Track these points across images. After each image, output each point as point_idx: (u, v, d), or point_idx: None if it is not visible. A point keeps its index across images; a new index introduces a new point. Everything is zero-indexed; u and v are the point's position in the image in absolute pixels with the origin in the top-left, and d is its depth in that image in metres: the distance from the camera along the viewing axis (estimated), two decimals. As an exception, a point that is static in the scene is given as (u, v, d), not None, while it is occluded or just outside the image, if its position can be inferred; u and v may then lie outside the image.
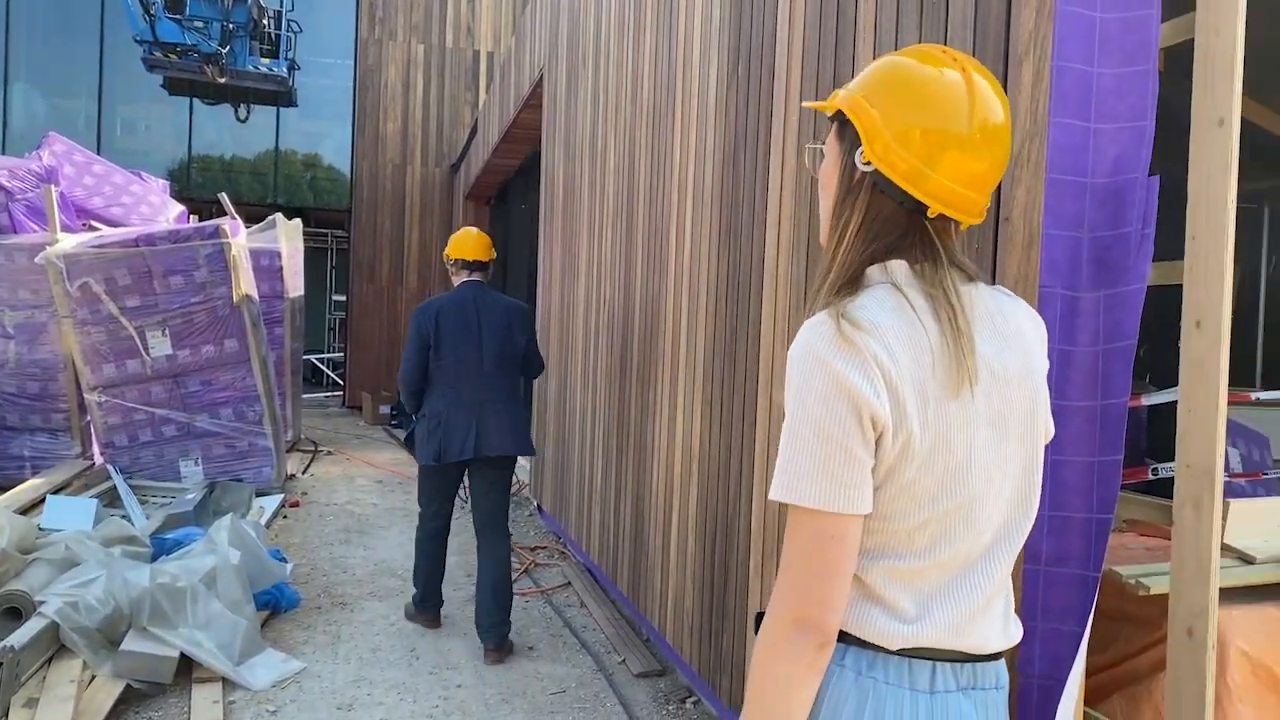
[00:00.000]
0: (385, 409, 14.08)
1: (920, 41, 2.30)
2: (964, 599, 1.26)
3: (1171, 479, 2.14)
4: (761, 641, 1.24)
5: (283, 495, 7.89)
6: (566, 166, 6.52)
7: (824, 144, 1.40)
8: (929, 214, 1.26)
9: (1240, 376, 5.70)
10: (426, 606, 4.89)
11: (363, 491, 8.70)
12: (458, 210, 15.03)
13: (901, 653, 1.25)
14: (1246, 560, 2.52)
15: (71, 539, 4.69)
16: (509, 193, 12.34)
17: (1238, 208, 2.02)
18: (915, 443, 1.20)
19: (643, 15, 4.68)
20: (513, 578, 4.89)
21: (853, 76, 2.59)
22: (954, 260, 1.28)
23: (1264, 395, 4.14)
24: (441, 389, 4.57)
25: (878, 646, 1.26)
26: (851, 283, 1.28)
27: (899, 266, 1.27)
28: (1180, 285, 2.07)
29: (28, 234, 7.65)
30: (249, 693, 3.99)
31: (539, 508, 7.52)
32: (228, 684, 4.03)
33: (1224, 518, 2.40)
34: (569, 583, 5.74)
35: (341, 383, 16.99)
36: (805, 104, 1.39)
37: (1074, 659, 1.99)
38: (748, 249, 3.30)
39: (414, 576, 4.93)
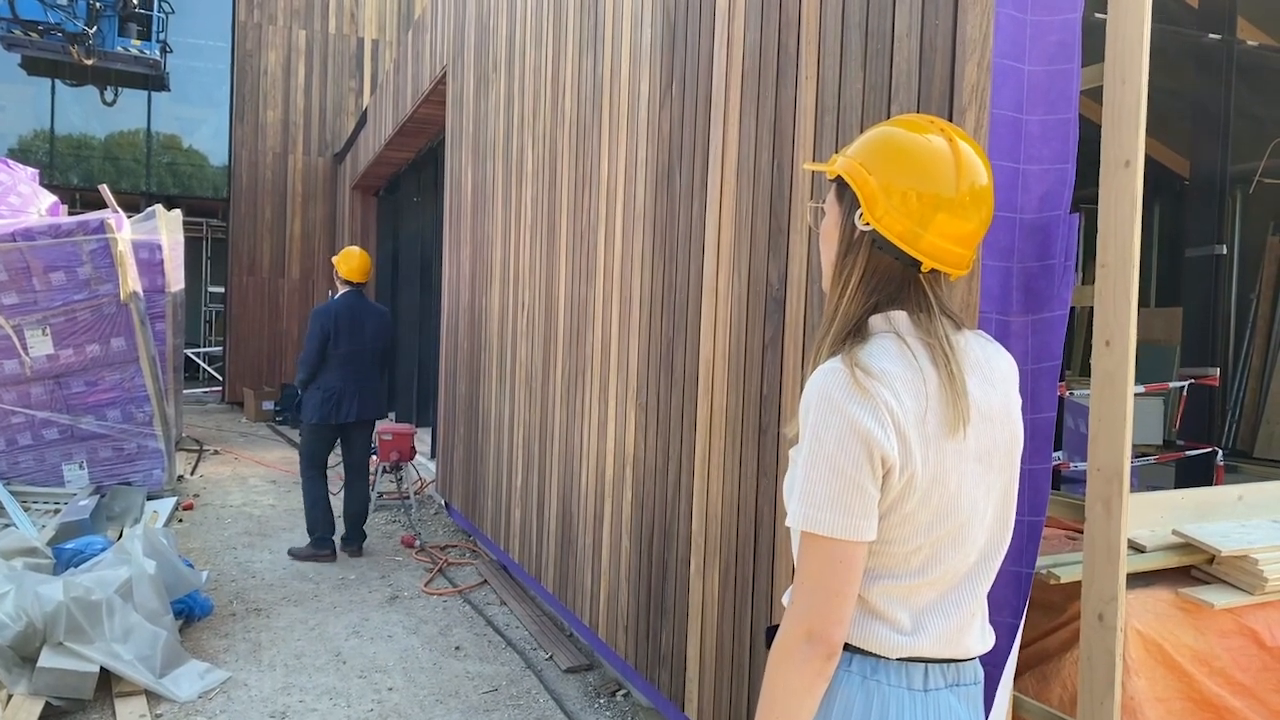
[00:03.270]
0: (269, 405, 13.70)
1: (864, 87, 2.49)
2: (953, 615, 1.45)
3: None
4: (775, 651, 1.40)
5: (176, 498, 7.67)
6: (476, 169, 6.54)
7: (824, 204, 1.55)
8: (922, 269, 1.43)
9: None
10: (326, 544, 6.25)
11: (258, 493, 8.51)
12: (342, 200, 14.72)
13: (900, 660, 1.43)
14: (1138, 549, 2.82)
15: (-30, 553, 4.50)
16: (401, 185, 12.19)
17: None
18: (918, 478, 1.37)
19: (563, 28, 4.77)
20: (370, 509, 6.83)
21: (795, 116, 2.78)
22: (945, 310, 1.46)
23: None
24: (335, 370, 6.24)
25: (880, 655, 1.43)
26: (857, 331, 1.44)
27: (900, 317, 1.43)
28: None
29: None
30: (175, 705, 3.94)
31: (446, 505, 7.53)
32: (152, 697, 3.97)
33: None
34: (484, 581, 5.81)
35: (220, 378, 16.43)
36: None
37: (1007, 646, 2.23)
38: (684, 263, 3.46)
39: (311, 523, 6.26)
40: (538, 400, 5.09)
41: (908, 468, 1.35)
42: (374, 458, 7.19)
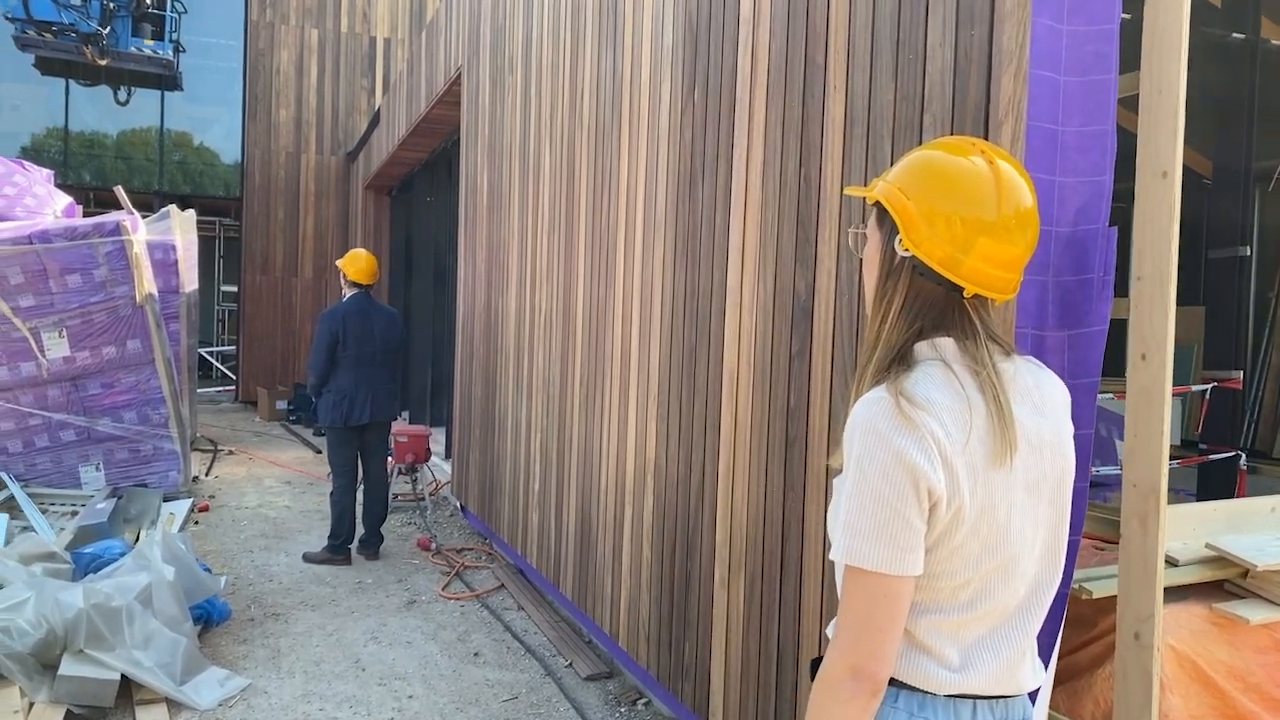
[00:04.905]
0: (283, 404, 13.71)
1: (895, 98, 2.46)
2: (1003, 651, 1.41)
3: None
4: (818, 687, 1.37)
5: (191, 500, 7.67)
6: (491, 171, 6.52)
7: (865, 229, 1.52)
8: (965, 294, 1.40)
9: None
10: (343, 550, 6.28)
11: (273, 494, 8.52)
12: (355, 199, 14.73)
13: (948, 696, 1.40)
14: (1171, 563, 2.78)
15: (-10, 559, 4.50)
16: (414, 185, 12.17)
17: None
18: (965, 510, 1.33)
19: (581, 30, 4.74)
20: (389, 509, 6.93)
21: (823, 126, 2.74)
22: (991, 335, 1.42)
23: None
24: (346, 372, 6.24)
25: (927, 691, 1.40)
26: (901, 359, 1.39)
27: (947, 344, 1.39)
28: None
29: (-91, 230, 7.21)
30: (196, 713, 3.94)
31: (462, 508, 7.52)
32: (172, 705, 3.96)
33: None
34: (501, 585, 5.79)
35: (233, 377, 16.46)
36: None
37: (1044, 666, 2.19)
38: (707, 271, 3.43)
39: (335, 528, 6.26)
40: (555, 404, 5.07)
41: (955, 499, 1.32)
42: (390, 459, 7.18)
